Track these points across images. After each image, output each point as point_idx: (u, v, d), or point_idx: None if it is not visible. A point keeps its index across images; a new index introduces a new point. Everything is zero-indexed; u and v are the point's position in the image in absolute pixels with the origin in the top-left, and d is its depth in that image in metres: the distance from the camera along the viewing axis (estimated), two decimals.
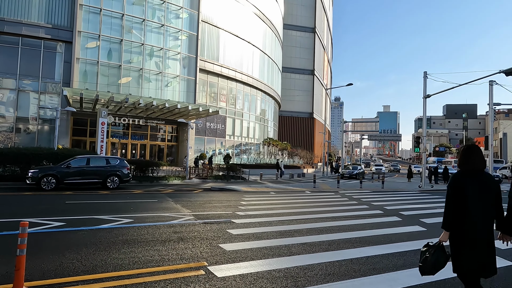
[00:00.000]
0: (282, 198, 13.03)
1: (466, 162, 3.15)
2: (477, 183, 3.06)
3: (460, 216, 3.04)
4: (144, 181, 18.44)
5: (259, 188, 16.64)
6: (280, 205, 10.67)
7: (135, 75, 30.66)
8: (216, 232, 6.27)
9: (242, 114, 41.52)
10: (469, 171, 3.13)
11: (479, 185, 3.05)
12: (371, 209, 10.19)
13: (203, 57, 35.29)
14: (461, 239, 3.04)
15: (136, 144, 32.81)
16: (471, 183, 3.05)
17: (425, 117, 19.88)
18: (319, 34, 67.76)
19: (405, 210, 10.17)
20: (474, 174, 3.11)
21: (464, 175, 3.11)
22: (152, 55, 31.60)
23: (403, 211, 9.91)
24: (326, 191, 16.46)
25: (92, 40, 28.75)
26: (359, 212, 9.49)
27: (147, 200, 11.14)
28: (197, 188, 16.06)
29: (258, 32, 44.10)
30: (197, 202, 10.69)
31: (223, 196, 12.86)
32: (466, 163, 3.15)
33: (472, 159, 3.13)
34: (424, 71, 19.56)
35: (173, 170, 21.44)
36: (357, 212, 9.48)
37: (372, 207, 10.81)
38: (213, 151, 37.46)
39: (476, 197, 3.02)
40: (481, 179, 3.08)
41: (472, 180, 3.07)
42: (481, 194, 3.03)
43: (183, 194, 13.33)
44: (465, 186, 3.04)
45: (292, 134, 60.89)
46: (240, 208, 9.70)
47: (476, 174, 3.11)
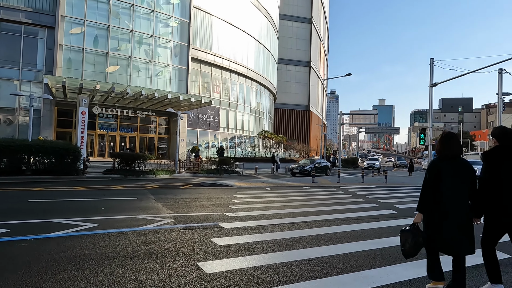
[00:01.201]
0: (278, 194, 11.74)
1: (444, 148, 3.30)
2: (453, 167, 3.23)
3: (437, 198, 3.20)
4: (129, 175, 17.05)
5: (253, 183, 15.34)
6: (277, 204, 9.37)
7: (123, 64, 29.05)
8: (197, 243, 4.94)
9: (237, 105, 40.07)
10: (446, 157, 3.28)
11: (455, 169, 3.22)
12: (382, 209, 8.93)
13: (196, 46, 33.70)
14: (437, 220, 3.20)
15: (125, 136, 31.32)
16: (448, 168, 3.22)
17: (431, 107, 18.66)
18: (316, 25, 66.12)
19: None
20: (451, 160, 3.26)
21: (442, 161, 3.28)
22: (141, 42, 29.96)
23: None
24: (326, 186, 15.20)
25: (76, 26, 27.05)
26: (369, 213, 8.23)
27: (126, 197, 9.77)
28: (185, 184, 14.70)
29: (253, 21, 42.46)
30: (182, 200, 9.35)
31: (213, 193, 11.53)
32: (444, 149, 3.30)
33: (450, 145, 3.29)
34: (431, 58, 18.29)
35: (161, 163, 20.04)
36: (367, 213, 8.21)
37: (381, 205, 9.55)
38: (206, 144, 36.07)
39: (451, 181, 3.18)
40: (457, 164, 3.25)
41: (449, 165, 3.24)
42: (456, 177, 3.20)
43: (169, 190, 11.98)
44: (442, 170, 3.21)
45: (287, 127, 59.56)
46: (231, 207, 8.38)
47: (453, 160, 3.27)
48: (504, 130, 3.40)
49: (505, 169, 3.22)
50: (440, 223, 3.18)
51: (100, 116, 29.30)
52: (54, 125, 27.12)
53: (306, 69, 62.96)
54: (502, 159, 3.27)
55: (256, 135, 43.42)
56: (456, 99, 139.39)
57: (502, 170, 3.23)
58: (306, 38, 63.36)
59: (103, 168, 18.24)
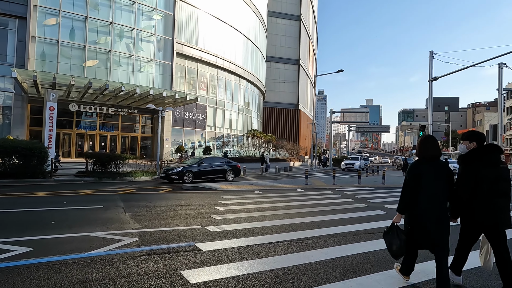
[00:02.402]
0: (270, 199, 10.35)
1: (422, 151, 3.44)
2: (432, 169, 3.33)
3: (417, 198, 3.29)
4: (105, 177, 15.42)
5: (241, 186, 13.91)
6: (269, 212, 7.97)
7: (102, 58, 27.22)
8: (160, 280, 3.49)
9: (224, 103, 38.54)
10: (425, 158, 3.39)
11: (434, 171, 3.33)
12: (391, 217, 7.63)
13: (181, 40, 32.05)
14: (416, 219, 3.30)
15: (105, 135, 29.47)
16: (427, 170, 3.33)
17: (431, 102, 17.61)
18: (305, 22, 65.04)
19: None
20: (431, 162, 3.37)
21: (421, 162, 3.39)
22: (122, 36, 28.17)
23: None
24: (321, 189, 13.89)
25: (51, 17, 25.12)
26: (379, 223, 6.91)
27: (90, 206, 8.23)
28: (165, 187, 13.18)
29: (241, 16, 40.98)
30: (157, 209, 7.86)
31: (195, 198, 10.06)
32: (422, 151, 3.44)
33: (428, 147, 3.42)
34: (430, 51, 17.22)
35: (142, 164, 18.44)
36: (377, 223, 6.89)
37: (390, 212, 8.26)
38: (193, 144, 34.45)
39: (430, 182, 3.29)
40: (436, 166, 3.35)
41: (428, 166, 3.35)
42: (435, 179, 3.31)
43: (144, 196, 10.46)
44: (421, 172, 3.32)
45: (276, 126, 58.30)
46: (214, 218, 6.95)
47: (432, 161, 3.37)
48: (476, 132, 3.53)
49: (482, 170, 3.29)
50: (419, 222, 3.28)
51: (78, 114, 27.43)
52: (26, 123, 25.15)
53: (295, 67, 61.81)
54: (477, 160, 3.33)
55: (244, 134, 41.98)
56: (443, 98, 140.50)
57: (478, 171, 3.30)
58: (295, 35, 62.21)
59: (76, 169, 16.55)
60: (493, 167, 3.29)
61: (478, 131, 3.62)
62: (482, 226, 3.30)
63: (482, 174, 3.27)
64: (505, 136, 69.09)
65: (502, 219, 3.22)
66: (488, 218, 3.23)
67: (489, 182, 3.25)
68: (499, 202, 3.24)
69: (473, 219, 3.29)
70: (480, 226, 3.32)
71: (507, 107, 69.00)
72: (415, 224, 3.30)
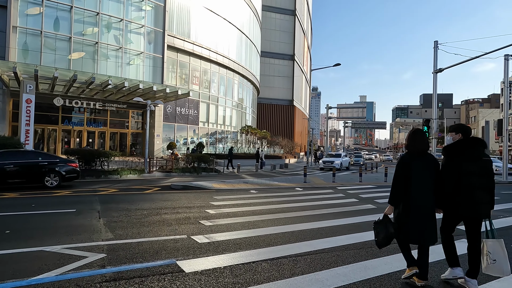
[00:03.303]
0: (267, 200, 9.36)
1: (411, 144, 3.55)
2: (421, 163, 3.45)
3: (406, 191, 3.41)
4: (89, 176, 14.31)
5: (235, 185, 12.90)
6: (267, 216, 6.98)
7: (89, 50, 25.90)
8: None
9: (218, 99, 37.38)
10: (414, 152, 3.51)
11: (423, 164, 3.45)
12: None
13: (172, 33, 30.79)
14: (406, 211, 3.42)
15: (93, 131, 28.20)
16: (416, 163, 3.44)
17: (436, 95, 16.68)
18: (300, 17, 63.97)
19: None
20: (419, 155, 3.48)
21: (410, 156, 3.50)
22: (110, 27, 26.85)
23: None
24: (322, 187, 12.94)
25: (33, 6, 23.73)
26: None
27: (61, 210, 7.15)
28: (153, 186, 12.11)
29: (235, 9, 39.77)
30: (138, 213, 6.82)
31: (183, 199, 9.02)
32: (411, 144, 3.55)
33: (416, 141, 3.54)
34: (435, 41, 16.32)
35: (131, 161, 17.33)
36: None
37: None
38: (185, 140, 33.31)
39: (419, 175, 3.40)
40: (424, 160, 3.47)
41: (417, 160, 3.46)
42: (423, 171, 3.43)
43: (127, 196, 9.39)
44: (411, 165, 3.43)
45: (271, 122, 57.29)
46: (203, 224, 5.93)
47: (421, 155, 3.49)
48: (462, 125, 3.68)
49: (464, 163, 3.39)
50: (408, 216, 3.41)
51: (64, 109, 26.13)
52: (8, 118, 23.80)
53: (290, 63, 60.78)
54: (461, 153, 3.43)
55: (238, 130, 40.92)
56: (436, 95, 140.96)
57: (460, 164, 3.40)
58: (290, 30, 61.13)
59: None
60: (476, 161, 3.38)
61: (465, 124, 3.74)
62: (464, 217, 3.43)
63: (464, 167, 3.37)
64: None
65: (483, 211, 3.36)
66: (470, 210, 3.36)
67: (471, 175, 3.35)
68: (480, 194, 3.36)
69: (457, 211, 3.41)
70: (462, 217, 3.45)
71: (501, 103, 68.66)
72: (405, 216, 3.41)
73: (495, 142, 70.82)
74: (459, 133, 3.57)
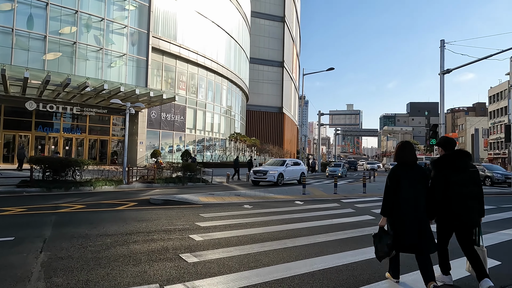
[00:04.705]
0: (265, 217, 7.74)
1: (399, 156, 3.66)
2: (410, 174, 3.53)
3: (397, 202, 3.47)
4: (56, 188, 12.42)
5: (225, 198, 11.22)
6: (270, 243, 5.37)
7: (66, 51, 23.99)
8: None
9: (206, 105, 35.73)
10: (403, 164, 3.62)
11: (413, 176, 3.52)
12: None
13: (158, 34, 29.17)
14: (398, 222, 3.48)
15: (70, 138, 26.14)
16: (406, 174, 3.52)
17: (443, 97, 15.39)
18: (288, 24, 63.21)
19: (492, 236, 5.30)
20: (408, 167, 3.59)
21: (400, 168, 3.60)
22: (89, 26, 25.04)
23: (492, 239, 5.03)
24: (324, 200, 11.39)
25: (4, 1, 21.79)
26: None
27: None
28: (128, 201, 10.32)
29: (224, 13, 38.44)
30: (97, 244, 5.09)
31: (163, 219, 7.32)
32: (401, 156, 3.65)
33: (404, 153, 3.65)
34: (441, 40, 15.12)
35: (106, 170, 15.47)
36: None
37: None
38: (170, 147, 31.45)
39: (409, 186, 3.47)
40: (414, 171, 3.55)
41: (407, 171, 3.54)
42: (414, 182, 3.50)
43: (93, 215, 7.62)
44: (401, 177, 3.51)
45: (260, 129, 55.81)
46: (186, 261, 4.26)
47: (410, 167, 3.59)
48: (448, 139, 3.84)
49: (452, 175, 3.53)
50: (402, 226, 3.44)
51: (37, 113, 24.06)
52: None
53: (279, 69, 59.72)
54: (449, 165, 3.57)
55: (227, 137, 39.25)
56: (423, 104, 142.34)
57: (449, 176, 3.53)
58: (279, 37, 60.21)
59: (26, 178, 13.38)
60: (463, 172, 3.55)
61: (448, 137, 3.90)
62: (457, 226, 3.56)
63: (452, 179, 3.52)
64: (488, 140, 69.13)
65: (474, 219, 3.53)
66: (464, 219, 3.50)
67: (460, 185, 3.50)
68: (472, 203, 3.50)
69: (449, 220, 3.55)
70: (455, 227, 3.58)
71: (490, 111, 69.04)
72: (396, 228, 3.48)
73: (483, 150, 71.09)
74: (440, 148, 3.79)
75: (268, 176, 17.79)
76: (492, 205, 10.87)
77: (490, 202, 11.56)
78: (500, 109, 64.43)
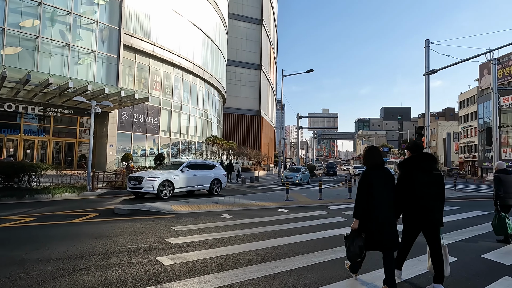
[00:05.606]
0: (248, 231, 6.70)
1: (368, 160, 3.79)
2: (380, 176, 3.65)
3: (369, 204, 3.57)
4: (8, 196, 10.85)
5: (202, 206, 10.09)
6: (258, 267, 4.34)
7: (28, 45, 22.05)
8: None
9: (181, 106, 34.31)
10: (373, 166, 3.72)
11: (382, 178, 3.65)
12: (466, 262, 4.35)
13: (130, 32, 27.59)
14: (370, 222, 3.56)
15: (32, 140, 24.07)
16: (376, 177, 3.64)
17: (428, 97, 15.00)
18: (266, 27, 62.75)
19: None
20: (377, 169, 3.71)
21: (370, 171, 3.69)
22: (54, 20, 23.19)
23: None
24: (310, 207, 10.49)
25: None
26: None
27: None
28: (89, 211, 8.99)
29: (201, 13, 37.23)
30: (31, 274, 3.87)
31: (127, 234, 6.12)
32: (368, 160, 3.79)
33: (374, 156, 3.77)
34: (426, 39, 14.73)
35: (68, 175, 13.92)
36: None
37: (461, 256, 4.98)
38: (143, 151, 29.79)
39: (380, 188, 3.59)
40: (382, 173, 3.68)
41: (377, 174, 3.66)
42: (383, 185, 3.62)
43: (41, 230, 6.32)
44: (372, 179, 3.60)
45: (237, 132, 54.78)
46: None
47: (379, 169, 3.72)
48: (416, 143, 4.03)
49: (417, 175, 3.72)
50: (374, 226, 3.54)
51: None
52: None
53: (256, 72, 59.04)
54: (414, 166, 3.76)
55: (203, 140, 37.92)
56: (396, 108, 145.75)
57: (415, 176, 3.73)
58: (257, 39, 59.60)
59: None
60: (427, 174, 3.72)
61: (416, 141, 4.45)
62: (422, 226, 3.72)
63: (418, 180, 3.70)
64: (458, 144, 71.19)
65: (438, 219, 3.70)
66: (426, 219, 3.66)
67: (425, 186, 3.68)
68: (434, 204, 3.68)
69: (414, 219, 3.71)
70: (420, 226, 3.74)
71: (460, 115, 71.18)
72: (369, 228, 3.56)
73: (454, 153, 73.17)
74: (408, 150, 4.00)
75: (144, 185, 12.05)
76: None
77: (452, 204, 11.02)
78: (469, 114, 66.50)
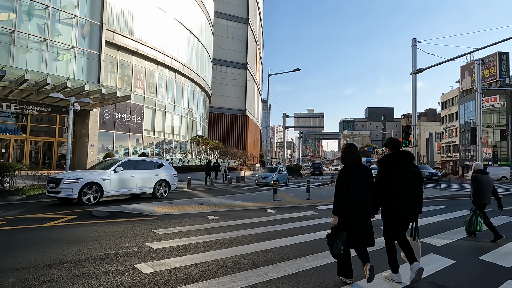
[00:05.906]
0: (236, 234, 6.35)
1: (346, 157, 3.86)
2: (358, 173, 3.74)
3: (349, 200, 3.65)
4: None
5: (186, 207, 9.66)
6: (248, 275, 3.99)
7: (3, 40, 21.04)
8: None
9: (165, 105, 33.60)
10: (350, 164, 3.81)
11: (359, 175, 3.74)
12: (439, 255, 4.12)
13: (112, 27, 26.78)
14: (350, 219, 3.67)
15: (8, 139, 23.00)
16: (354, 174, 3.72)
17: (415, 97, 14.96)
18: (252, 26, 62.41)
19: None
20: (355, 167, 3.79)
21: (348, 168, 3.78)
22: (32, 14, 22.22)
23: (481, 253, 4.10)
24: (298, 207, 10.20)
25: None
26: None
27: None
28: (66, 213, 8.45)
29: (187, 10, 36.60)
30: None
31: (104, 238, 5.67)
32: (347, 157, 3.86)
33: (353, 154, 3.86)
34: (413, 38, 14.69)
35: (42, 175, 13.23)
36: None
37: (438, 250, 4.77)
38: (126, 151, 29.00)
39: (358, 185, 3.69)
40: (360, 170, 3.78)
41: (354, 171, 3.74)
42: (361, 181, 3.72)
43: (10, 234, 5.80)
44: (350, 176, 3.69)
45: (223, 132, 54.24)
46: None
47: (357, 167, 3.80)
48: (393, 140, 4.14)
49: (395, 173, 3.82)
50: (354, 223, 3.65)
51: None
52: None
53: (242, 72, 58.61)
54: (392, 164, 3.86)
55: (188, 140, 37.29)
56: (379, 109, 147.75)
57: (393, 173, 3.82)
58: (243, 39, 59.18)
59: None
60: (405, 171, 3.83)
61: (394, 139, 4.17)
62: (398, 220, 3.83)
63: (396, 176, 3.80)
64: (440, 144, 72.63)
65: (414, 215, 3.87)
66: (406, 213, 3.80)
67: (402, 183, 3.79)
68: (411, 201, 3.80)
69: (392, 214, 3.83)
70: (399, 220, 3.84)
71: (442, 116, 72.63)
72: (348, 225, 3.64)
73: (437, 153, 74.63)
74: (387, 148, 4.05)
75: (62, 188, 10.14)
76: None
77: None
78: (451, 115, 67.87)
